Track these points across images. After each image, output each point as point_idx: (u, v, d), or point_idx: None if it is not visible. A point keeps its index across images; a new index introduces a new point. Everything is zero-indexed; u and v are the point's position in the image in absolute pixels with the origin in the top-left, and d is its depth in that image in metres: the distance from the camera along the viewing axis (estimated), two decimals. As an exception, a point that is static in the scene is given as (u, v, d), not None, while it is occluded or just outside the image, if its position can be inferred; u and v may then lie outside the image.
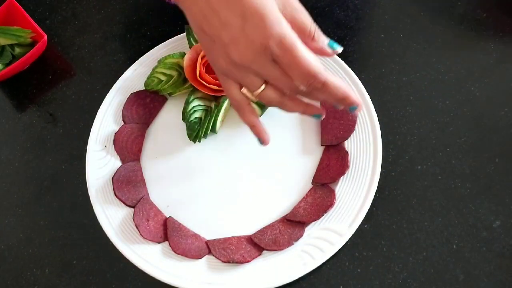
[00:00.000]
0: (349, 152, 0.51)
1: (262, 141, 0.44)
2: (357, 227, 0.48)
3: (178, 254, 0.49)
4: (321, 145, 0.52)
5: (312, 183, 0.51)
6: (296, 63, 0.37)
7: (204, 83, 0.53)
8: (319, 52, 0.41)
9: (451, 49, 0.57)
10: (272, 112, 0.54)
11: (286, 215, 0.50)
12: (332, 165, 0.51)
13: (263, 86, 0.40)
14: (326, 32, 0.59)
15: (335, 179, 0.50)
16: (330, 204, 0.48)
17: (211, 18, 0.38)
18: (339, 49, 0.41)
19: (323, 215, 0.48)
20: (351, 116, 0.52)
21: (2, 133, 0.59)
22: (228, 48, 0.38)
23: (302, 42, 0.38)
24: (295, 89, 0.39)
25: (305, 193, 0.51)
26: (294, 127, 0.54)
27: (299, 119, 0.54)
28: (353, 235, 0.48)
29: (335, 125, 0.52)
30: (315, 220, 0.48)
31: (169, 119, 0.56)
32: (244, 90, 0.41)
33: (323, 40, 0.41)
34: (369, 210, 0.48)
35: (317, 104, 0.41)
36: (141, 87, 0.57)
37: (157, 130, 0.56)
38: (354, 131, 0.52)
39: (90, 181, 0.53)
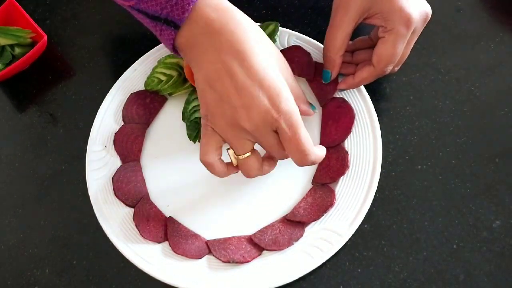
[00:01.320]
0: (349, 152, 0.51)
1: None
2: (357, 227, 0.48)
3: (178, 254, 0.49)
4: None
5: (312, 183, 0.51)
6: (297, 140, 0.41)
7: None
8: (306, 114, 0.49)
9: (451, 49, 0.57)
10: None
11: (286, 215, 0.50)
12: (332, 165, 0.51)
13: (249, 153, 0.43)
14: (326, 32, 0.59)
15: (335, 179, 0.50)
16: (330, 204, 0.48)
17: (225, 80, 0.40)
18: (316, 111, 0.51)
19: (323, 215, 0.48)
20: (348, 119, 0.52)
21: (2, 133, 0.59)
22: (236, 111, 0.40)
23: (297, 105, 0.43)
24: (284, 157, 0.44)
25: (305, 193, 0.51)
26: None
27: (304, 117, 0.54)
28: (353, 235, 0.48)
29: (332, 128, 0.52)
30: (315, 220, 0.48)
31: (169, 119, 0.56)
32: (230, 151, 0.44)
33: (309, 105, 0.49)
34: (369, 210, 0.48)
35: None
36: (141, 87, 0.57)
37: (157, 130, 0.56)
38: (354, 131, 0.52)
39: (90, 181, 0.53)
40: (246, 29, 0.40)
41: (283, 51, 0.55)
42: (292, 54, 0.55)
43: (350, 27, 0.48)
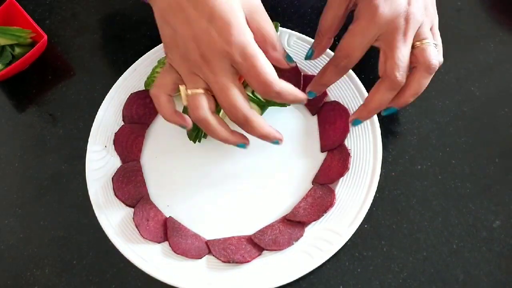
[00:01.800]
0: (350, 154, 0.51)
1: (184, 126, 0.44)
2: (357, 227, 0.48)
3: (178, 254, 0.49)
4: (321, 152, 0.52)
5: (312, 183, 0.51)
6: (256, 71, 0.39)
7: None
8: (276, 62, 0.43)
9: (451, 49, 0.57)
10: (273, 113, 0.54)
11: (286, 215, 0.50)
12: (333, 166, 0.51)
13: (201, 90, 0.41)
14: (326, 32, 0.59)
15: (334, 180, 0.50)
16: (330, 204, 0.48)
17: (177, 12, 0.39)
18: (293, 64, 0.44)
19: (323, 215, 0.48)
20: (344, 119, 0.52)
21: (2, 133, 0.59)
22: (188, 43, 0.39)
23: (264, 49, 0.41)
24: (233, 110, 0.40)
25: (305, 193, 0.51)
26: (295, 128, 0.54)
27: (300, 119, 0.54)
28: (353, 235, 0.48)
29: (330, 131, 0.52)
30: (315, 220, 0.48)
31: (169, 119, 0.56)
32: (182, 87, 0.42)
33: (282, 52, 0.43)
34: (369, 210, 0.48)
35: (243, 133, 0.43)
36: (141, 87, 0.57)
37: (157, 130, 0.56)
38: (354, 132, 0.52)
39: (90, 181, 0.53)
40: None
41: None
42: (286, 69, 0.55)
43: (341, 10, 0.45)
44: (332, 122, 0.53)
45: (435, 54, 0.43)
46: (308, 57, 0.49)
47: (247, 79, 0.40)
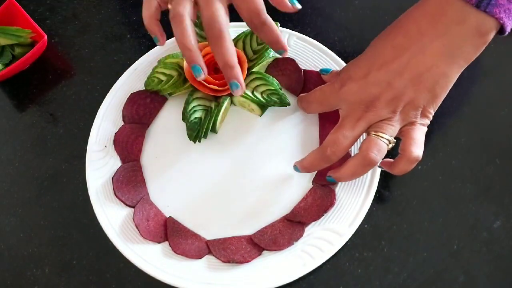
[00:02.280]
0: (349, 153, 0.51)
1: (158, 39, 0.46)
2: (357, 227, 0.48)
3: (178, 254, 0.49)
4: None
5: (312, 183, 0.51)
6: None
7: (204, 83, 0.53)
8: (279, 4, 0.45)
9: (451, 49, 0.57)
10: (273, 112, 0.54)
11: (286, 215, 0.50)
12: (333, 166, 0.51)
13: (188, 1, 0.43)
14: (326, 33, 0.59)
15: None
16: (330, 204, 0.48)
17: None
18: (298, 6, 0.45)
19: (323, 215, 0.48)
20: None
21: (2, 133, 0.59)
22: None
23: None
24: (211, 23, 0.42)
25: (305, 193, 0.51)
26: (295, 128, 0.54)
27: (300, 119, 0.54)
28: (353, 235, 0.48)
29: (330, 129, 0.52)
30: (315, 220, 0.48)
31: (169, 119, 0.56)
32: None
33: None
34: (369, 210, 0.48)
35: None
36: (141, 87, 0.57)
37: (157, 130, 0.56)
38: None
39: (90, 181, 0.53)
40: None
41: (280, 61, 0.56)
42: (285, 66, 0.55)
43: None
44: (333, 121, 0.52)
45: (378, 148, 0.44)
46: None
47: (238, 4, 0.42)
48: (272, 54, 0.55)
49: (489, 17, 0.41)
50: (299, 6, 0.44)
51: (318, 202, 0.49)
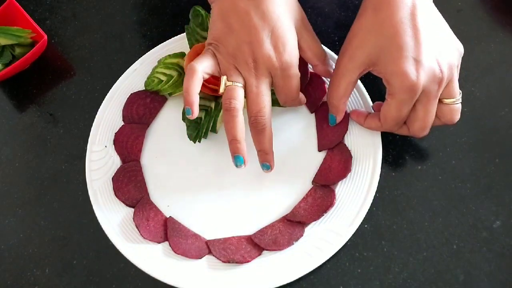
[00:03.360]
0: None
1: (190, 110, 0.46)
2: (357, 227, 0.48)
3: (178, 254, 0.49)
4: (318, 151, 0.52)
5: (312, 183, 0.51)
6: (289, 89, 0.46)
7: (205, 83, 0.53)
8: (325, 74, 0.50)
9: (451, 49, 0.57)
10: (273, 113, 0.54)
11: (286, 215, 0.50)
12: (334, 167, 0.51)
13: (240, 84, 0.45)
14: (326, 32, 0.59)
15: (334, 182, 0.50)
16: (330, 204, 0.48)
17: (241, 15, 0.44)
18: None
19: (323, 215, 0.48)
20: (343, 118, 0.51)
21: (2, 133, 0.59)
22: (241, 45, 0.44)
23: (314, 64, 0.49)
24: (258, 116, 0.45)
25: (305, 193, 0.50)
26: (295, 128, 0.54)
27: (299, 119, 0.54)
28: (353, 235, 0.48)
29: (328, 130, 0.52)
30: (315, 220, 0.48)
31: (169, 119, 0.56)
32: (224, 77, 0.45)
33: (330, 64, 0.50)
34: (369, 210, 0.48)
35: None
36: (141, 87, 0.57)
37: (157, 130, 0.56)
38: (354, 131, 0.52)
39: (90, 181, 0.53)
40: None
41: None
42: None
43: (354, 76, 0.46)
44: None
45: (459, 111, 0.47)
46: (333, 123, 0.51)
47: (278, 90, 0.46)
48: None
49: None
50: None
51: (318, 202, 0.49)
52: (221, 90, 0.45)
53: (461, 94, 0.46)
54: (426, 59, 0.43)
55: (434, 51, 0.43)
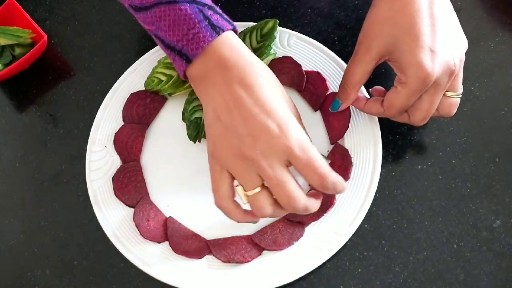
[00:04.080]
0: (350, 153, 0.51)
1: (255, 222, 0.44)
2: (357, 227, 0.48)
3: (178, 254, 0.49)
4: (331, 143, 0.52)
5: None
6: (313, 165, 0.39)
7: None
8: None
9: (451, 49, 0.57)
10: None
11: (286, 215, 0.50)
12: (333, 166, 0.51)
13: (259, 189, 0.40)
14: (326, 33, 0.59)
15: None
16: (330, 204, 0.48)
17: (233, 110, 0.40)
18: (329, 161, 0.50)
19: (323, 215, 0.48)
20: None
21: (2, 133, 0.59)
22: (243, 140, 0.40)
23: None
24: (292, 198, 0.40)
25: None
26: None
27: (302, 119, 0.54)
28: (353, 235, 0.48)
29: (335, 121, 0.52)
30: (314, 220, 0.48)
31: (169, 119, 0.56)
32: (238, 188, 0.42)
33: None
34: (369, 210, 0.48)
35: None
36: (141, 87, 0.57)
37: (157, 130, 0.56)
38: (354, 131, 0.52)
39: (90, 181, 0.53)
40: (258, 68, 0.42)
41: (275, 62, 0.56)
42: (283, 65, 0.55)
43: (370, 66, 0.46)
44: (334, 112, 0.52)
45: (457, 105, 0.47)
46: (335, 109, 0.50)
47: (304, 172, 0.39)
48: (272, 50, 0.55)
49: None
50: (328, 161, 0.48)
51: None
52: (244, 201, 0.42)
53: (462, 89, 0.47)
54: (441, 50, 0.42)
55: (449, 42, 0.43)
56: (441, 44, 0.43)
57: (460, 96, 0.47)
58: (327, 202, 0.49)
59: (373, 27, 0.45)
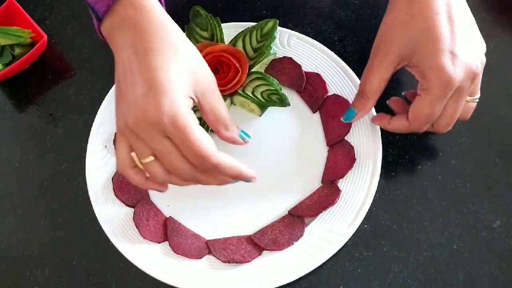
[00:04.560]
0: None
1: (161, 190, 0.44)
2: (357, 227, 0.48)
3: (178, 254, 0.49)
4: (327, 146, 0.52)
5: (322, 181, 0.51)
6: (189, 143, 0.38)
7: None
8: (231, 141, 0.43)
9: (451, 49, 0.57)
10: (274, 113, 0.54)
11: (290, 210, 0.50)
12: (339, 161, 0.51)
13: (151, 158, 0.40)
14: (327, 33, 0.59)
15: (343, 174, 0.50)
16: (331, 203, 0.48)
17: (126, 77, 0.40)
18: (248, 140, 0.44)
19: (322, 211, 0.48)
20: (345, 110, 0.51)
21: (2, 133, 0.59)
22: (127, 110, 0.39)
23: (216, 129, 0.42)
24: (178, 169, 0.39)
25: (305, 193, 0.50)
26: (295, 127, 0.54)
27: (299, 119, 0.54)
28: (353, 235, 0.48)
29: (334, 124, 0.52)
30: (312, 216, 0.48)
31: (169, 119, 0.56)
32: (133, 154, 0.41)
33: (235, 131, 0.43)
34: (369, 210, 0.48)
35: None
36: (141, 87, 0.57)
37: (157, 130, 0.56)
38: (355, 132, 0.52)
39: (90, 181, 0.53)
40: (161, 30, 0.39)
41: (275, 62, 0.56)
42: (283, 65, 0.55)
43: (389, 72, 0.44)
44: (334, 115, 0.52)
45: (474, 109, 0.47)
46: (349, 119, 0.48)
47: (182, 151, 0.38)
48: (272, 50, 0.55)
49: None
50: (248, 140, 0.44)
51: (323, 200, 0.49)
52: (141, 168, 0.41)
53: (479, 94, 0.46)
54: (462, 53, 0.41)
55: (469, 45, 0.42)
56: (462, 46, 0.41)
57: (477, 100, 0.46)
58: (328, 200, 0.49)
59: (391, 31, 0.43)
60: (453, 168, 0.51)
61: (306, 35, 0.57)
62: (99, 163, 0.54)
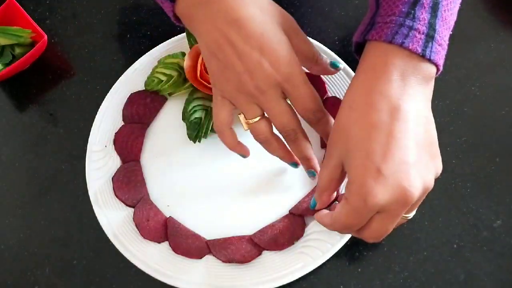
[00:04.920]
0: None
1: (244, 155, 0.48)
2: (357, 227, 0.48)
3: (178, 254, 0.49)
4: (321, 148, 0.52)
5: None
6: (302, 99, 0.42)
7: (205, 83, 0.53)
8: (323, 73, 0.47)
9: (451, 49, 0.57)
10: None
11: (290, 209, 0.50)
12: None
13: (258, 118, 0.43)
14: (326, 32, 0.59)
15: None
16: (335, 198, 0.48)
17: (226, 48, 0.41)
18: (341, 67, 0.47)
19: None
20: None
21: (2, 133, 0.59)
22: (241, 76, 0.41)
23: (307, 66, 0.45)
24: (286, 129, 0.43)
25: (307, 191, 0.50)
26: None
27: (300, 120, 0.54)
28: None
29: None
30: (313, 215, 0.48)
31: (169, 119, 0.56)
32: (240, 116, 0.44)
33: (326, 62, 0.46)
34: (369, 210, 0.48)
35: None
36: (141, 87, 0.57)
37: (157, 130, 0.56)
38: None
39: (90, 181, 0.53)
40: None
41: None
42: None
43: (335, 173, 0.41)
44: (333, 117, 0.52)
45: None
46: (313, 208, 0.46)
47: (294, 104, 0.43)
48: None
49: (432, 64, 0.40)
50: (341, 67, 0.47)
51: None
52: (245, 128, 0.45)
53: (414, 213, 0.41)
54: (392, 174, 0.36)
55: (409, 167, 0.36)
56: (394, 167, 0.36)
57: (410, 218, 0.41)
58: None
59: (333, 133, 0.41)
60: (453, 168, 0.51)
61: (306, 35, 0.57)
62: (99, 163, 0.54)
